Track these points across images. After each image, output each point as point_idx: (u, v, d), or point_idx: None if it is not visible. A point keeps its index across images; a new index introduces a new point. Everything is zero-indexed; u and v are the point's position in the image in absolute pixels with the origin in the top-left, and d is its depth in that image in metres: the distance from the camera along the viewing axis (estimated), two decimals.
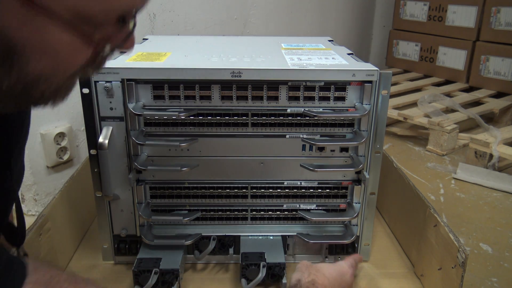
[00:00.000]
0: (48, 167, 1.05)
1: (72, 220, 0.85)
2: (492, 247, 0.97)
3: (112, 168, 0.72)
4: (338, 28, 2.12)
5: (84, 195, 0.89)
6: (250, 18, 1.61)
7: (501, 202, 1.18)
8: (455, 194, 1.22)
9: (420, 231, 0.78)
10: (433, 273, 0.72)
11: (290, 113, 0.72)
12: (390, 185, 0.94)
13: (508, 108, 1.69)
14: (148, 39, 0.99)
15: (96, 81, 0.68)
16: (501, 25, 1.79)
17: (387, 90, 0.70)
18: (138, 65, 0.69)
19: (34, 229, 0.68)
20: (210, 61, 0.73)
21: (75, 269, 0.80)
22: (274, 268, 0.72)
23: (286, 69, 0.69)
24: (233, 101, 0.71)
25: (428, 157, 1.47)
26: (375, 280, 0.78)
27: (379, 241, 0.90)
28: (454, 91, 1.86)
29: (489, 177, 1.27)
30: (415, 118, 1.54)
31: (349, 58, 0.78)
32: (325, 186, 0.78)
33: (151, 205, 0.78)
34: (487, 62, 1.85)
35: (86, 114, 0.70)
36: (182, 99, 0.71)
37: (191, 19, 1.37)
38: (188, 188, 0.77)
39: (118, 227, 0.78)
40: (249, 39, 1.06)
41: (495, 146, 1.31)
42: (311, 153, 0.75)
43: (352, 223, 0.79)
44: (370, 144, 0.73)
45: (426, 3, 2.03)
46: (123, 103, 0.69)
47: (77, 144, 1.11)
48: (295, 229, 0.79)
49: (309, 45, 0.91)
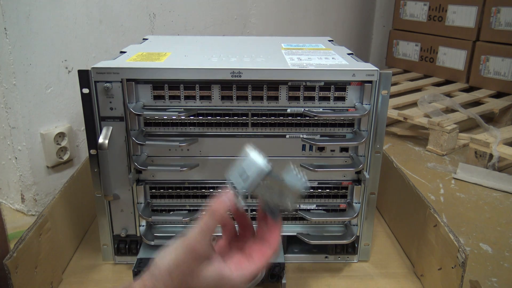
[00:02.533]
0: (48, 167, 1.05)
1: (72, 220, 0.85)
2: (492, 247, 0.97)
3: (112, 168, 0.72)
4: (338, 28, 2.12)
5: (84, 195, 0.89)
6: (250, 18, 1.61)
7: (501, 202, 1.18)
8: (455, 194, 1.22)
9: (420, 231, 0.78)
10: (433, 273, 0.72)
11: (290, 113, 0.72)
12: (390, 185, 0.94)
13: (508, 108, 1.69)
14: (148, 39, 0.99)
15: (96, 81, 0.68)
16: (501, 25, 1.79)
17: (387, 90, 0.70)
18: (138, 65, 0.69)
19: (34, 229, 0.68)
20: (210, 61, 0.73)
21: (75, 269, 0.80)
22: (274, 268, 0.72)
23: (286, 69, 0.69)
24: (233, 101, 0.71)
25: (428, 157, 1.47)
26: (375, 280, 0.78)
27: (379, 241, 0.90)
28: (454, 91, 1.86)
29: (489, 177, 1.27)
30: (415, 118, 1.54)
31: (349, 58, 0.78)
32: (325, 186, 0.78)
33: (151, 205, 0.78)
34: (487, 62, 1.85)
35: (86, 114, 0.70)
36: (182, 99, 0.71)
37: (191, 19, 1.37)
38: (188, 188, 0.77)
39: (118, 227, 0.78)
40: (249, 39, 1.06)
41: (495, 146, 1.31)
42: (311, 153, 0.75)
43: (352, 223, 0.79)
44: (370, 144, 0.73)
45: (426, 3, 2.03)
46: (123, 103, 0.69)
47: (77, 144, 1.11)
48: (295, 229, 0.79)
49: (309, 45, 0.91)
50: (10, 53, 0.92)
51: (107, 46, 1.13)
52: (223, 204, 0.51)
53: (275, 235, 0.55)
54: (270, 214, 0.55)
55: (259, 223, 0.57)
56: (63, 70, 1.03)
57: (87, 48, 1.08)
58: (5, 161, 1.04)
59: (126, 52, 0.80)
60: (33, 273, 0.67)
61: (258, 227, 0.58)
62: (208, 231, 0.49)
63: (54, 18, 0.99)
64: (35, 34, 0.95)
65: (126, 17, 1.16)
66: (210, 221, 0.49)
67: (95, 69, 0.67)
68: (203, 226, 0.49)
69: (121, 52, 0.81)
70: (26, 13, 0.93)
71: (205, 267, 0.49)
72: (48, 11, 0.97)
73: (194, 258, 0.48)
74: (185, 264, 0.48)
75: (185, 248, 0.48)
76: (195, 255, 0.48)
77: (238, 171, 0.51)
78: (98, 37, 1.10)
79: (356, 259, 0.82)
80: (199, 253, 0.48)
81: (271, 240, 0.55)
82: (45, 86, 1.00)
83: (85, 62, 1.07)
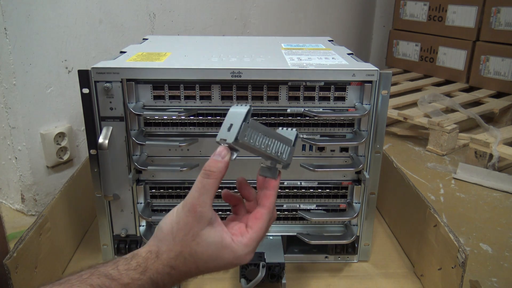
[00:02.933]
0: (48, 167, 1.05)
1: (72, 220, 0.85)
2: (492, 247, 0.97)
3: (112, 168, 0.72)
4: (338, 28, 2.12)
5: (84, 195, 0.89)
6: (250, 18, 1.61)
7: (501, 202, 1.18)
8: (455, 194, 1.22)
9: (420, 231, 0.78)
10: (433, 273, 0.72)
11: (290, 113, 0.72)
12: (390, 185, 0.94)
13: (508, 108, 1.69)
14: (148, 39, 0.99)
15: (96, 81, 0.68)
16: (501, 25, 1.79)
17: (387, 90, 0.70)
18: (138, 65, 0.69)
19: (34, 229, 0.68)
20: (210, 61, 0.73)
21: (75, 269, 0.80)
22: (274, 268, 0.72)
23: (286, 69, 0.69)
24: (233, 101, 0.71)
25: (428, 157, 1.47)
26: (375, 280, 0.78)
27: (379, 241, 0.90)
28: (454, 91, 1.86)
29: (489, 177, 1.27)
30: (415, 118, 1.54)
31: (349, 58, 0.78)
32: (325, 186, 0.78)
33: (151, 205, 0.78)
34: (487, 62, 1.85)
35: (86, 114, 0.70)
36: (182, 99, 0.71)
37: (191, 19, 1.37)
38: (188, 188, 0.77)
39: (118, 227, 0.78)
40: (249, 39, 1.06)
41: (495, 146, 1.31)
42: (311, 153, 0.75)
43: (352, 223, 0.79)
44: (370, 144, 0.73)
45: (426, 3, 2.03)
46: (123, 103, 0.69)
47: (77, 144, 1.11)
48: (295, 229, 0.79)
49: (309, 45, 0.91)
50: (10, 53, 0.92)
51: (107, 46, 1.13)
52: (216, 162, 0.50)
53: (269, 196, 0.54)
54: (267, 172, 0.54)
55: (259, 192, 0.56)
56: (63, 70, 1.03)
57: (87, 48, 1.08)
58: (5, 161, 1.04)
59: (126, 52, 0.80)
60: (33, 273, 0.67)
61: (258, 194, 0.56)
62: (205, 190, 0.48)
63: (54, 18, 0.99)
64: (35, 34, 0.95)
65: (126, 17, 1.16)
66: (206, 180, 0.48)
67: (95, 69, 0.67)
68: (199, 185, 0.48)
69: (121, 52, 0.81)
70: (26, 13, 0.93)
71: (207, 231, 0.48)
72: (48, 11, 0.97)
73: (195, 219, 0.47)
74: (187, 225, 0.47)
75: (186, 209, 0.48)
76: (196, 216, 0.47)
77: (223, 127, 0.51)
78: (98, 37, 1.10)
79: (356, 259, 0.82)
80: (200, 213, 0.47)
81: (264, 202, 0.53)
82: (45, 86, 1.00)
83: (85, 62, 1.07)
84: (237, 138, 0.49)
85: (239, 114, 0.51)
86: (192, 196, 0.48)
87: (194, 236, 0.47)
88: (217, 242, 0.48)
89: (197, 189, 0.48)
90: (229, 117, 0.51)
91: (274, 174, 0.55)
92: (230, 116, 0.51)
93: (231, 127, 0.50)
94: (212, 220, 0.49)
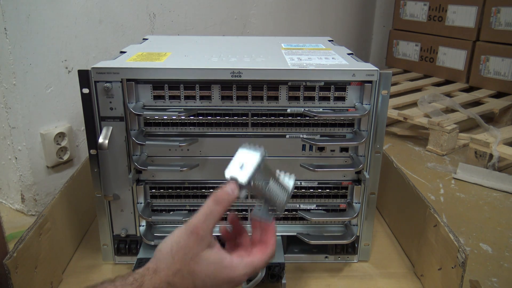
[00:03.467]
0: (48, 167, 1.05)
1: (72, 220, 0.85)
2: (492, 247, 0.97)
3: (112, 168, 0.72)
4: (338, 28, 2.12)
5: (84, 195, 0.89)
6: (250, 18, 1.61)
7: (501, 202, 1.18)
8: (455, 194, 1.22)
9: (420, 231, 0.78)
10: (433, 273, 0.72)
11: (290, 113, 0.72)
12: (390, 185, 0.94)
13: (508, 108, 1.69)
14: (148, 39, 0.99)
15: (96, 81, 0.68)
16: (501, 25, 1.79)
17: (387, 90, 0.70)
18: (138, 65, 0.69)
19: (34, 229, 0.68)
20: (210, 61, 0.73)
21: (75, 269, 0.80)
22: (274, 268, 0.72)
23: (286, 69, 0.69)
24: (233, 101, 0.71)
25: (428, 157, 1.47)
26: (375, 280, 0.78)
27: (379, 241, 0.90)
28: (454, 91, 1.86)
29: (489, 177, 1.27)
30: (415, 118, 1.54)
31: (349, 58, 0.78)
32: (325, 186, 0.78)
33: (151, 205, 0.78)
34: (487, 62, 1.85)
35: (86, 114, 0.70)
36: (182, 99, 0.71)
37: (191, 19, 1.37)
38: (188, 188, 0.77)
39: (118, 227, 0.78)
40: (249, 39, 1.06)
41: (495, 146, 1.31)
42: (311, 153, 0.75)
43: (352, 223, 0.79)
44: (370, 144, 0.73)
45: (426, 3, 2.03)
46: (123, 103, 0.69)
47: (77, 144, 1.11)
48: (295, 229, 0.79)
49: (309, 45, 0.91)
50: (10, 53, 0.92)
51: (107, 46, 1.13)
52: (228, 195, 0.51)
53: (271, 235, 0.56)
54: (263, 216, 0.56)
55: (253, 229, 0.58)
56: (63, 70, 1.03)
57: (87, 48, 1.08)
58: (5, 161, 1.04)
59: (126, 52, 0.80)
60: (33, 273, 0.67)
61: (253, 233, 0.58)
62: (211, 216, 0.50)
63: (54, 18, 0.99)
64: (35, 34, 0.95)
65: (126, 17, 1.16)
66: (214, 207, 0.50)
67: (95, 69, 0.67)
68: (207, 210, 0.50)
69: (121, 52, 0.81)
70: (26, 13, 0.93)
71: (207, 252, 0.49)
72: (48, 11, 0.97)
73: (196, 241, 0.48)
74: (187, 246, 0.48)
75: (188, 231, 0.49)
76: (198, 238, 0.48)
77: (234, 163, 0.52)
78: (98, 37, 1.10)
79: (356, 259, 0.82)
80: (202, 236, 0.49)
81: (268, 240, 0.56)
82: (45, 86, 1.00)
83: (85, 62, 1.07)
84: (250, 182, 0.51)
85: (253, 157, 0.53)
86: (198, 219, 0.49)
87: (193, 257, 0.49)
88: (216, 262, 0.50)
89: (204, 213, 0.50)
90: (241, 156, 0.53)
91: (269, 217, 0.57)
92: (243, 155, 0.53)
93: (243, 166, 0.52)
94: (212, 243, 0.50)
